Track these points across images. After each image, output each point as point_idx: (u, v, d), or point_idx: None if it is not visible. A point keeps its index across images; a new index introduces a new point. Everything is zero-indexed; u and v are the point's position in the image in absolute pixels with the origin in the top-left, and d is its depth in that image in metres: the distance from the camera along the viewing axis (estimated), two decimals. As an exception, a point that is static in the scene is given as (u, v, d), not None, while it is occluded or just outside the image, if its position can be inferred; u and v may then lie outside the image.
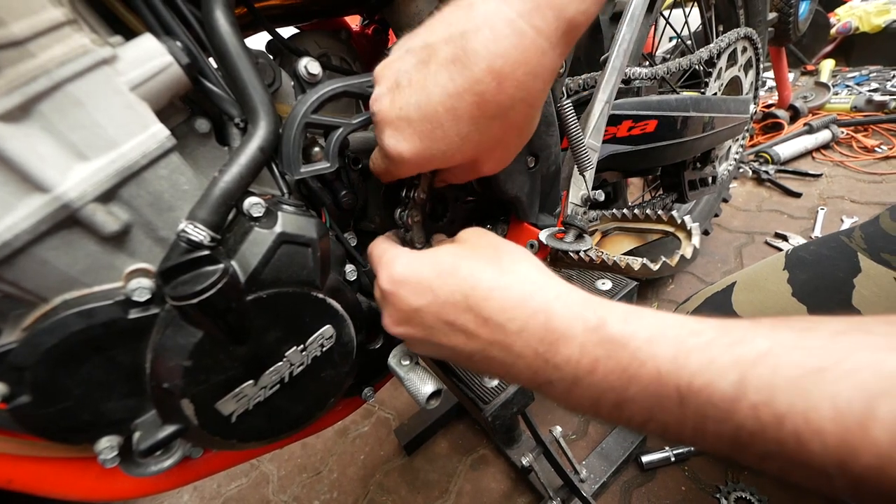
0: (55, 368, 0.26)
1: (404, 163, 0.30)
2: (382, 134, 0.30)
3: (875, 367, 0.16)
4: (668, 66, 0.70)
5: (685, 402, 0.19)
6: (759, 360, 0.17)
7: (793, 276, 0.62)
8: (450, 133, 0.27)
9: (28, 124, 0.24)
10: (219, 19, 0.30)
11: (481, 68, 0.24)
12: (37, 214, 0.24)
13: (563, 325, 0.23)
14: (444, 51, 0.25)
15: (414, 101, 0.27)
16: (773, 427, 0.17)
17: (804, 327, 0.19)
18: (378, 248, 0.36)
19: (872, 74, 1.96)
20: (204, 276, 0.26)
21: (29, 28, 0.23)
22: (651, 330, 0.21)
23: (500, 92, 0.25)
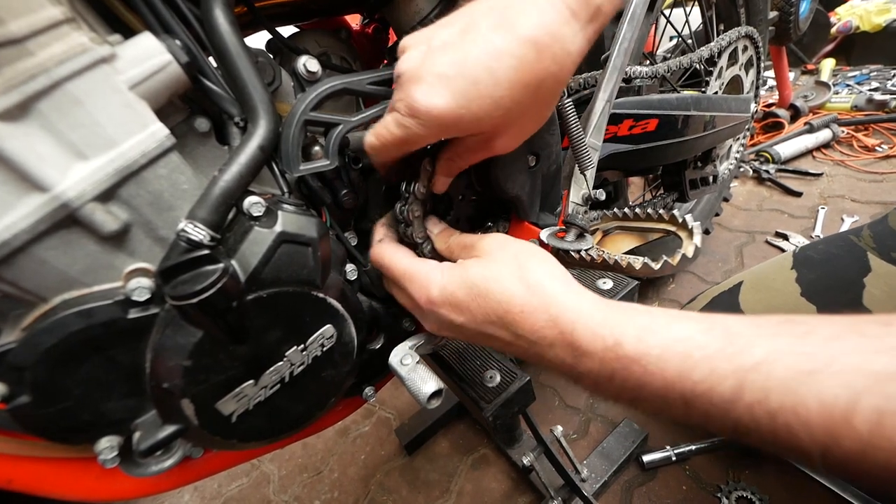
0: (55, 368, 0.26)
1: (433, 120, 0.28)
2: (410, 90, 0.28)
3: (861, 368, 0.18)
4: (669, 65, 0.70)
5: (689, 404, 0.23)
6: (756, 366, 0.20)
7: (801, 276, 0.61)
8: (484, 93, 0.27)
9: (27, 123, 0.24)
10: (218, 18, 0.30)
11: (524, 36, 0.26)
12: (36, 214, 0.24)
13: (585, 344, 0.26)
14: (486, 21, 0.27)
15: (450, 59, 0.27)
16: (766, 421, 0.20)
17: (803, 332, 0.21)
18: (398, 262, 0.36)
19: (873, 73, 1.95)
20: (204, 275, 0.26)
21: (27, 26, 0.23)
22: (661, 347, 0.24)
23: (538, 61, 0.27)
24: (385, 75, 0.35)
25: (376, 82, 0.35)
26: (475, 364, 0.55)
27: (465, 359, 0.57)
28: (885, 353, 0.18)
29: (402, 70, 0.29)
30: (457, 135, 0.31)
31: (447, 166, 0.36)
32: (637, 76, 0.64)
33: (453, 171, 0.37)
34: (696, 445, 0.79)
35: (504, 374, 0.53)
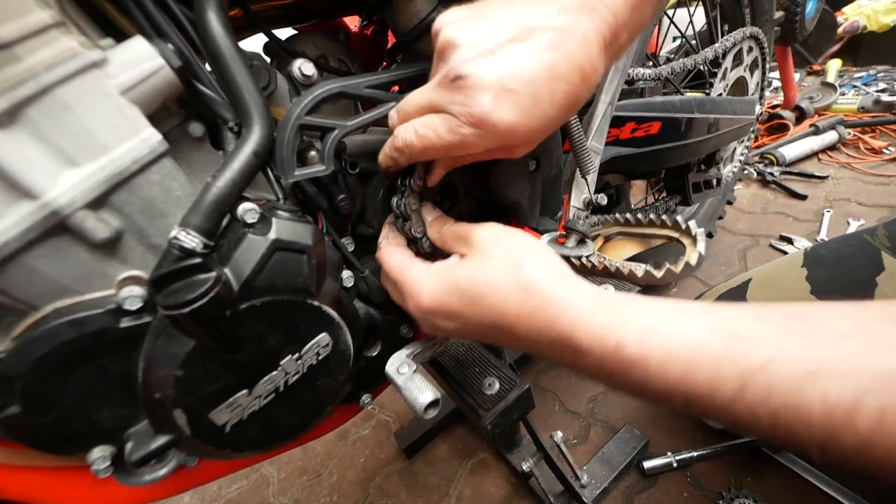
0: (46, 378, 0.26)
1: (496, 134, 0.27)
2: (475, 98, 0.27)
3: (866, 368, 0.18)
4: (673, 67, 0.69)
5: (690, 402, 0.23)
6: (761, 368, 0.21)
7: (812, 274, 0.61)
8: (541, 113, 0.28)
9: (15, 129, 0.23)
10: (211, 21, 0.29)
11: (577, 64, 0.27)
12: (25, 222, 0.24)
13: (584, 346, 0.26)
14: (544, 36, 0.27)
15: (518, 72, 0.26)
16: (767, 420, 0.20)
17: (810, 329, 0.21)
18: (393, 264, 0.35)
19: (880, 74, 1.93)
20: (196, 284, 0.26)
21: (15, 31, 0.22)
22: (664, 349, 0.23)
23: (581, 88, 0.28)
24: (385, 78, 0.35)
25: (374, 86, 0.34)
26: (474, 371, 0.55)
27: (464, 365, 0.56)
28: (891, 352, 0.18)
29: (465, 72, 0.27)
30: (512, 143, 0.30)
31: (451, 162, 0.35)
32: (640, 78, 0.63)
33: (454, 165, 0.36)
34: (698, 452, 0.78)
35: (503, 382, 0.52)
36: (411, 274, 0.33)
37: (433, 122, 0.29)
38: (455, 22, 0.29)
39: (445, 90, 0.28)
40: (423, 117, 0.30)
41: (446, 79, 0.28)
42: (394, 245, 0.38)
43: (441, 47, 0.29)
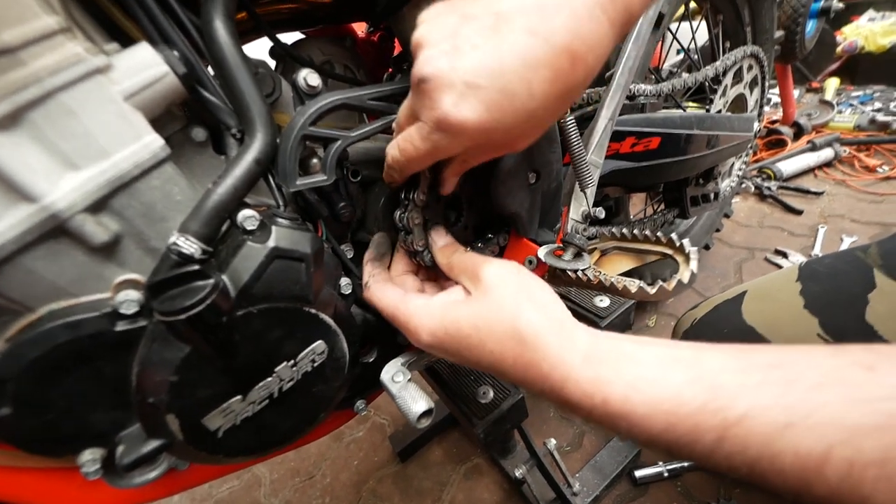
0: (39, 380, 0.26)
1: (464, 134, 0.26)
2: (439, 100, 0.25)
3: (836, 421, 0.19)
4: (674, 84, 0.70)
5: (672, 451, 0.24)
6: (738, 421, 0.22)
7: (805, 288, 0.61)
8: (518, 106, 0.25)
9: (17, 133, 0.23)
10: (218, 29, 0.29)
11: (561, 45, 0.24)
12: (23, 224, 0.24)
13: (574, 399, 0.27)
14: (519, 21, 0.24)
15: (484, 66, 0.24)
16: (744, 469, 0.22)
17: (788, 379, 0.22)
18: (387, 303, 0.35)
19: (876, 94, 1.96)
20: (194, 290, 0.26)
21: (21, 36, 0.22)
22: (647, 406, 0.24)
23: (572, 72, 0.25)
24: (387, 90, 0.35)
25: (377, 98, 0.35)
26: (468, 379, 0.55)
27: (459, 373, 0.56)
28: (861, 404, 0.19)
29: (426, 74, 0.25)
30: (489, 145, 0.29)
31: (459, 166, 0.34)
32: (641, 94, 0.64)
33: (463, 170, 0.34)
34: (689, 462, 0.78)
35: (497, 391, 0.52)
36: (408, 309, 0.33)
37: (409, 134, 0.29)
38: (427, 20, 0.27)
39: (415, 96, 0.27)
40: (404, 131, 0.30)
41: (413, 82, 0.27)
42: (382, 282, 0.37)
43: (412, 49, 0.27)
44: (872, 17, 2.24)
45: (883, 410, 0.19)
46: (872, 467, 0.18)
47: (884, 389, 0.19)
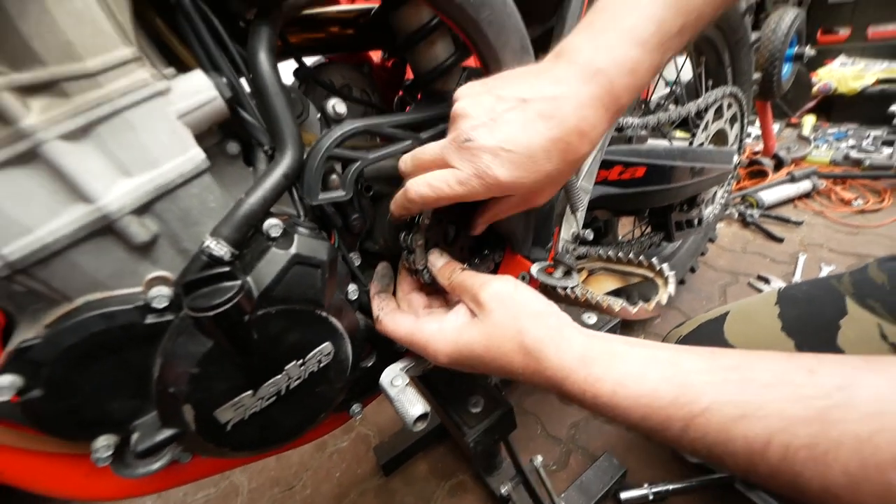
0: (71, 366, 0.28)
1: (497, 186, 0.33)
2: (479, 159, 0.33)
3: (778, 414, 0.24)
4: (659, 118, 0.76)
5: (650, 435, 0.30)
6: (701, 413, 0.27)
7: (783, 312, 0.65)
8: (539, 168, 0.33)
9: (85, 143, 0.26)
10: (262, 62, 0.33)
11: (571, 126, 0.32)
12: (78, 222, 0.26)
13: (571, 394, 0.33)
14: (538, 106, 0.33)
15: (514, 136, 0.32)
16: (704, 452, 0.27)
17: (745, 378, 0.27)
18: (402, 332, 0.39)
19: (850, 132, 2.08)
20: (222, 290, 0.28)
21: (101, 63, 0.26)
22: (630, 400, 0.30)
23: (580, 145, 0.34)
24: (403, 120, 0.39)
25: (395, 125, 0.39)
26: (461, 388, 0.57)
27: (451, 382, 0.58)
28: (802, 400, 0.24)
29: (472, 137, 0.33)
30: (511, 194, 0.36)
31: (490, 216, 0.42)
32: (629, 126, 0.69)
33: (495, 219, 0.43)
34: (674, 485, 0.80)
35: (488, 401, 0.55)
36: (423, 335, 0.38)
37: (445, 176, 0.35)
38: (467, 96, 0.35)
39: (456, 150, 0.34)
40: (435, 172, 0.35)
41: (456, 141, 0.34)
42: (392, 313, 0.42)
43: (454, 115, 0.35)
44: (844, 62, 2.40)
45: (815, 406, 0.23)
46: (804, 450, 0.22)
47: (819, 389, 0.24)
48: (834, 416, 0.22)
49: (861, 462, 0.21)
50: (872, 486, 0.21)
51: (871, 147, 1.87)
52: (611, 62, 0.32)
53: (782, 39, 1.41)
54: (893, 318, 0.56)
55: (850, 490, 0.21)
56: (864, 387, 0.23)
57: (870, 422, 0.21)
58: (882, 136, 1.92)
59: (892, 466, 0.20)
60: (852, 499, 0.21)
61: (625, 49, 0.32)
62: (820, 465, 0.22)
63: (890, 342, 0.55)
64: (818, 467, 0.22)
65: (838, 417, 0.22)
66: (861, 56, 2.42)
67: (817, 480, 0.22)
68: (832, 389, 0.24)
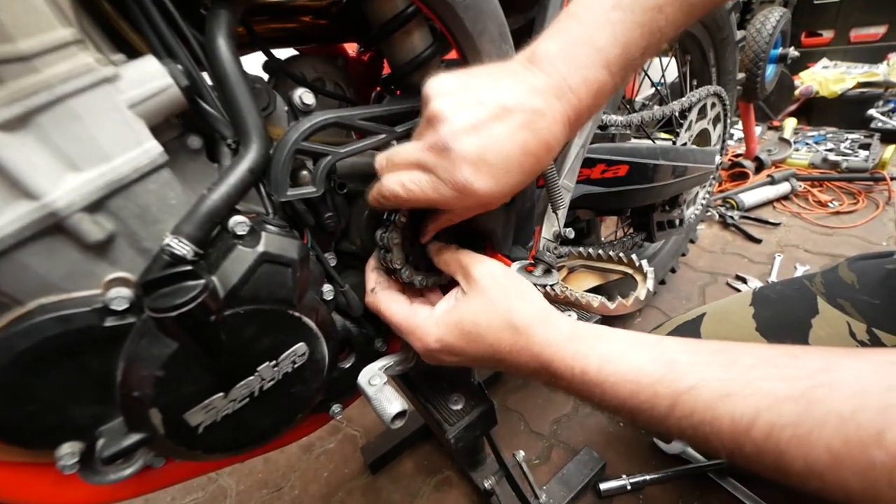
0: (25, 372, 0.27)
1: (473, 198, 0.33)
2: (458, 168, 0.32)
3: (765, 392, 0.24)
4: (643, 116, 0.76)
5: (635, 416, 0.30)
6: (688, 390, 0.27)
7: (758, 312, 0.67)
8: (512, 180, 0.33)
9: (24, 134, 0.25)
10: (221, 46, 0.32)
11: (543, 141, 0.33)
12: (22, 220, 0.25)
13: (559, 372, 0.33)
14: (518, 117, 0.32)
15: (496, 149, 0.32)
16: (690, 431, 0.27)
17: (730, 360, 0.27)
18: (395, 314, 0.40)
19: (829, 135, 2.13)
20: (185, 290, 0.27)
21: (36, 45, 0.24)
22: (616, 376, 0.30)
23: (547, 159, 0.34)
24: (377, 112, 0.38)
25: (368, 118, 0.37)
26: (441, 386, 0.57)
27: (432, 381, 0.58)
28: (786, 380, 0.24)
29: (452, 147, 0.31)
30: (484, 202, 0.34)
31: (444, 222, 0.40)
32: (612, 125, 0.69)
33: (445, 226, 0.41)
34: (651, 476, 0.82)
35: (468, 398, 0.55)
36: (417, 321, 0.39)
37: (420, 179, 0.33)
38: (444, 96, 0.33)
39: (434, 155, 0.33)
40: (410, 172, 0.34)
41: (436, 147, 0.32)
42: (387, 292, 0.42)
43: (431, 115, 0.33)
44: (826, 65, 2.45)
45: (800, 387, 0.23)
46: (788, 428, 0.23)
47: (803, 371, 0.24)
48: (817, 395, 0.23)
49: (844, 440, 0.21)
50: (855, 464, 0.21)
51: (848, 150, 1.92)
52: (581, 83, 0.33)
53: (767, 39, 1.43)
54: (862, 317, 0.58)
55: (832, 468, 0.22)
56: (846, 369, 0.23)
57: (852, 401, 0.22)
58: (859, 140, 1.97)
59: (874, 444, 0.20)
60: (835, 477, 0.22)
61: (594, 71, 0.32)
62: (804, 444, 0.22)
63: (858, 340, 0.57)
64: (802, 446, 0.22)
65: (822, 397, 0.23)
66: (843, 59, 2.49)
67: (801, 459, 0.22)
68: (815, 371, 0.24)
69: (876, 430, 0.20)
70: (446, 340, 0.37)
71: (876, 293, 0.59)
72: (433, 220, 0.40)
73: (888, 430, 0.20)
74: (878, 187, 1.70)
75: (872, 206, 1.62)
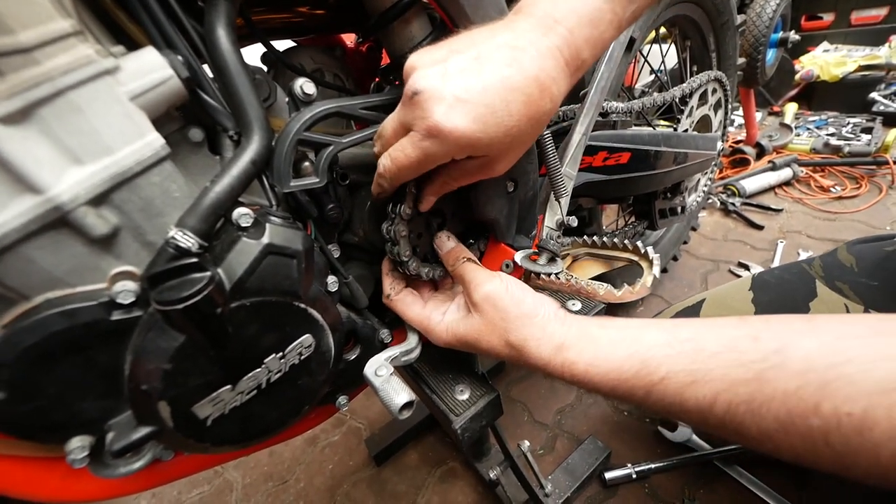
0: (33, 367, 0.27)
1: (453, 141, 0.30)
2: (432, 109, 0.29)
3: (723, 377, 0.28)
4: (644, 103, 0.75)
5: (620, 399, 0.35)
6: (660, 382, 0.31)
7: (757, 297, 0.67)
8: (499, 121, 0.30)
9: (27, 127, 0.25)
10: (220, 37, 0.31)
11: (531, 75, 0.30)
12: (27, 214, 0.25)
13: (553, 376, 0.37)
14: (497, 56, 0.30)
15: (470, 84, 0.29)
16: (664, 412, 0.32)
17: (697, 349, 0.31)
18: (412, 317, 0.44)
19: (830, 119, 2.11)
20: (190, 282, 0.27)
21: (36, 37, 0.24)
22: (599, 377, 0.34)
23: (541, 98, 0.31)
24: (378, 101, 0.38)
25: (368, 107, 0.37)
26: (447, 377, 0.57)
27: (438, 371, 0.58)
28: (743, 365, 0.28)
29: (420, 88, 0.30)
30: (468, 154, 0.32)
31: (440, 187, 0.39)
32: (613, 111, 0.68)
33: (444, 191, 0.39)
34: (656, 464, 0.82)
35: (474, 388, 0.55)
36: (430, 324, 0.44)
37: (401, 144, 0.32)
38: (419, 55, 0.32)
39: (408, 108, 0.31)
40: (396, 143, 0.33)
41: (406, 97, 0.31)
42: (403, 295, 0.45)
43: (405, 74, 0.32)
44: (826, 48, 2.43)
45: (754, 369, 0.27)
46: (743, 405, 0.27)
47: (760, 354, 0.28)
48: (769, 375, 0.27)
49: (788, 411, 0.25)
50: (798, 430, 0.25)
51: (850, 134, 1.91)
52: (569, 12, 0.31)
53: (767, 23, 1.41)
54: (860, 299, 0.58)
55: (781, 434, 0.26)
56: (797, 348, 0.27)
57: (797, 379, 0.26)
58: (861, 124, 1.96)
59: (812, 413, 0.24)
60: (784, 440, 0.26)
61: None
62: (756, 417, 0.27)
63: (856, 322, 0.57)
64: (755, 418, 0.27)
65: (772, 377, 0.26)
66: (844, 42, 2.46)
67: (755, 428, 0.27)
68: (770, 353, 0.27)
69: (814, 402, 0.25)
70: (453, 344, 0.42)
71: (874, 275, 0.59)
72: (429, 183, 0.39)
73: (823, 402, 0.24)
74: (880, 171, 1.69)
75: (875, 191, 1.61)
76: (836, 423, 0.24)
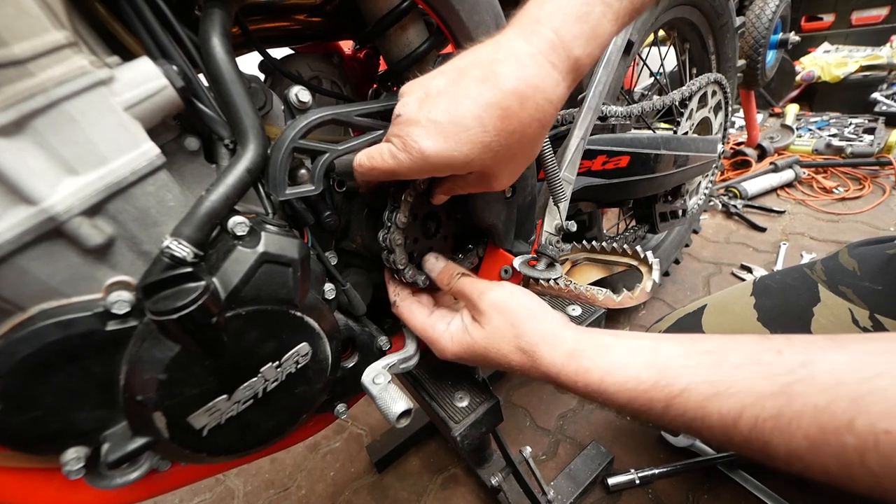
0: (28, 378, 0.27)
1: (423, 159, 0.31)
2: (406, 132, 0.31)
3: (749, 390, 0.27)
4: (643, 106, 0.75)
5: (634, 417, 0.33)
6: (680, 394, 0.29)
7: (759, 302, 0.66)
8: (474, 139, 0.30)
9: (21, 138, 0.24)
10: (215, 46, 0.31)
11: (508, 88, 0.30)
12: (22, 225, 0.25)
13: (564, 385, 0.36)
14: (474, 72, 0.30)
15: (443, 107, 0.30)
16: (684, 427, 0.30)
17: (718, 361, 0.29)
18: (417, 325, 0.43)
19: (832, 120, 2.10)
20: (185, 292, 0.27)
21: (30, 49, 0.24)
22: (615, 387, 0.32)
23: (521, 110, 0.30)
24: (373, 108, 0.38)
25: (364, 114, 0.37)
26: (446, 384, 0.57)
27: (437, 378, 0.58)
28: (768, 377, 0.26)
29: (400, 112, 0.33)
30: (450, 173, 0.34)
31: (448, 188, 0.40)
32: (612, 115, 0.68)
33: (452, 192, 0.41)
34: (659, 469, 0.81)
35: (474, 395, 0.54)
36: (435, 333, 0.42)
37: (380, 148, 0.34)
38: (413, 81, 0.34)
39: (392, 125, 0.34)
40: (379, 145, 0.35)
41: (393, 116, 0.34)
42: (409, 303, 0.45)
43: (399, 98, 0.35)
44: (827, 49, 2.42)
45: (780, 382, 0.26)
46: (770, 420, 0.25)
47: (784, 367, 0.26)
48: (797, 389, 0.25)
49: (820, 428, 0.23)
50: (831, 448, 0.23)
51: (852, 135, 1.90)
52: (554, 11, 0.30)
53: (767, 25, 1.41)
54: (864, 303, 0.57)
55: (812, 453, 0.24)
56: (824, 362, 0.25)
57: (827, 393, 0.24)
58: (863, 124, 1.95)
59: (846, 430, 0.23)
60: (815, 460, 0.24)
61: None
62: (785, 434, 0.25)
63: (861, 326, 0.56)
64: (783, 436, 0.25)
65: (800, 391, 0.25)
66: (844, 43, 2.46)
67: (783, 447, 0.25)
68: (796, 366, 0.26)
69: (847, 418, 0.23)
70: (460, 355, 0.41)
71: (878, 279, 0.58)
72: (440, 185, 0.41)
73: (858, 418, 0.22)
74: (884, 172, 1.68)
75: (879, 191, 1.60)
76: (874, 441, 0.22)
